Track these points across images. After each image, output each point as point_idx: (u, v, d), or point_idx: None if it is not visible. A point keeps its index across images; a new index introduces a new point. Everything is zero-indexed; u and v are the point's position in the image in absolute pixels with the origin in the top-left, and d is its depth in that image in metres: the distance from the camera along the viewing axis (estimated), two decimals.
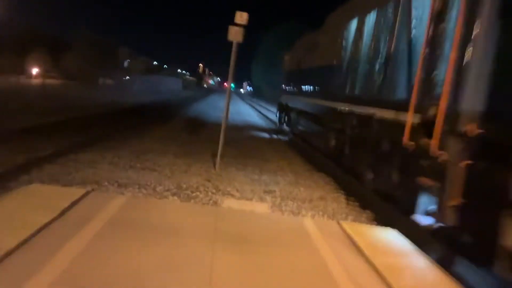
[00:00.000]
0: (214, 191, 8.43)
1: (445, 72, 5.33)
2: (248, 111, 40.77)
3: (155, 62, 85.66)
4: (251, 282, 3.82)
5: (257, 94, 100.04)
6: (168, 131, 16.54)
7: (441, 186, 5.26)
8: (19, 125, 12.79)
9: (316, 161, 12.63)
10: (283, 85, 22.98)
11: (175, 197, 7.63)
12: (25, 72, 38.14)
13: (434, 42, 5.92)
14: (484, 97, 4.69)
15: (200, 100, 51.75)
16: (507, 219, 4.06)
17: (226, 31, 10.13)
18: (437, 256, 5.13)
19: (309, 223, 5.84)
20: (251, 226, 5.38)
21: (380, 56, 8.42)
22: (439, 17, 5.88)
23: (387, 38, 8.16)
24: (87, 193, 5.66)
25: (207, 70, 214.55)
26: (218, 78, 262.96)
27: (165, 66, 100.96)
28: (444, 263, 4.84)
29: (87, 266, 3.66)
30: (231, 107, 11.25)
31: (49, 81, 37.97)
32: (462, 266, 4.91)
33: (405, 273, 4.46)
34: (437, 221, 5.48)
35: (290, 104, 19.88)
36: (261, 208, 7.58)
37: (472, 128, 4.71)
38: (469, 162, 4.83)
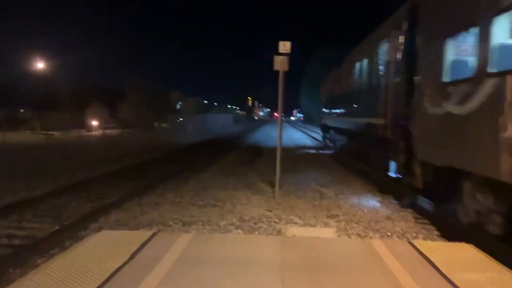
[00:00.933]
0: (276, 220, 8.38)
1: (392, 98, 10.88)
2: (298, 136, 43.52)
3: (205, 101, 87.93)
4: None
5: (307, 121, 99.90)
6: (225, 165, 16.73)
7: (396, 155, 10.30)
8: (84, 176, 13.39)
9: (348, 163, 17.06)
10: (322, 109, 29.18)
11: (239, 230, 7.64)
12: (85, 126, 40.16)
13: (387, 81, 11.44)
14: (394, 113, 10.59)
15: (252, 132, 52.28)
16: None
17: (271, 61, 10.28)
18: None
19: (378, 244, 5.63)
20: (318, 252, 5.25)
21: (368, 87, 13.97)
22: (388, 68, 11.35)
23: (371, 76, 13.69)
24: (153, 235, 5.76)
25: (256, 103, 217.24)
26: (268, 109, 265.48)
27: (215, 103, 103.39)
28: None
29: None
30: (282, 134, 11.27)
31: (108, 131, 39.75)
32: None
33: None
34: (397, 173, 10.46)
35: (328, 123, 25.83)
36: (326, 233, 7.44)
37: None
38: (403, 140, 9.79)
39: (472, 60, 6.63)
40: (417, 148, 8.84)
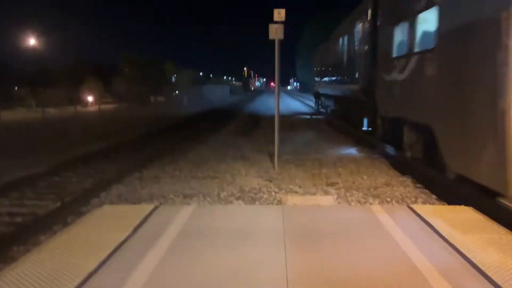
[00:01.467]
0: (277, 190, 8.43)
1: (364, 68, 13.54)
2: (294, 104, 47.64)
3: (201, 73, 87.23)
4: (329, 276, 3.75)
5: (304, 90, 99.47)
6: (222, 136, 16.73)
7: (367, 113, 13.52)
8: (83, 150, 13.38)
9: (336, 125, 20.52)
10: (315, 78, 32.72)
11: (240, 201, 7.69)
12: (80, 102, 39.88)
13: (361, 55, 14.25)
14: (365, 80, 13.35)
15: (249, 102, 52.17)
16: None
17: (266, 29, 10.14)
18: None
19: (378, 210, 5.69)
20: (319, 220, 5.31)
21: (348, 60, 17.14)
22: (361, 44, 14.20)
23: (350, 51, 16.70)
24: (155, 208, 5.81)
25: (252, 73, 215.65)
26: (264, 79, 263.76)
27: (211, 75, 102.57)
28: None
29: (165, 279, 3.74)
30: (279, 103, 11.25)
31: (104, 106, 39.54)
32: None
33: (488, 250, 4.23)
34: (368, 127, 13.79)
35: (320, 91, 29.65)
36: (326, 200, 7.50)
37: None
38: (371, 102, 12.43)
39: (407, 42, 9.14)
40: (378, 107, 11.90)
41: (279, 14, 10.05)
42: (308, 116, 28.87)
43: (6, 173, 10.02)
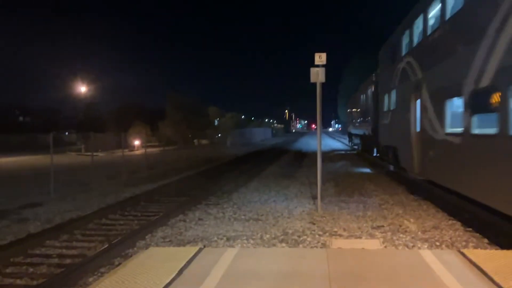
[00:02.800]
0: (321, 232, 8.32)
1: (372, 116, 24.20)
2: (334, 143, 53.49)
3: (243, 116, 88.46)
4: None
5: (345, 131, 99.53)
6: (264, 178, 16.77)
7: (375, 145, 23.14)
8: (130, 193, 13.74)
9: (360, 154, 29.82)
10: (348, 120, 46.69)
11: (283, 244, 7.63)
12: (127, 145, 41.19)
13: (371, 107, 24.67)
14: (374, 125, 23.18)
15: (290, 144, 52.32)
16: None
17: (308, 73, 10.31)
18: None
19: (427, 254, 5.51)
20: (365, 264, 5.18)
21: (365, 110, 27.53)
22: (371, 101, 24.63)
23: (366, 104, 27.08)
24: (200, 250, 5.85)
25: (293, 115, 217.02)
26: (305, 121, 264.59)
27: (252, 118, 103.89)
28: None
29: None
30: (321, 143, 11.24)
31: (150, 150, 40.62)
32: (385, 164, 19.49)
33: None
34: (376, 154, 23.46)
35: (351, 131, 41.21)
36: (372, 244, 7.32)
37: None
38: (376, 138, 21.60)
39: (388, 104, 17.35)
40: (380, 140, 20.27)
41: (320, 58, 10.22)
42: (343, 152, 35.77)
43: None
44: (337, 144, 51.64)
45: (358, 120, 32.26)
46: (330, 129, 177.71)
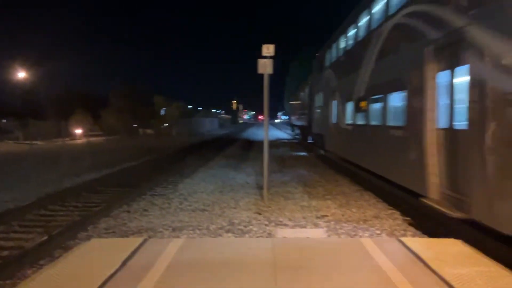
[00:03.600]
0: (266, 222, 8.41)
1: (308, 110, 29.62)
2: (279, 134, 58.79)
3: (189, 106, 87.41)
4: None
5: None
6: (211, 169, 16.70)
7: (309, 133, 29.66)
8: (70, 183, 13.26)
9: (299, 143, 36.29)
10: (290, 113, 53.64)
11: (229, 234, 7.64)
12: (69, 134, 39.66)
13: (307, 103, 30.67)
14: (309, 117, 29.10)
15: (238, 135, 52.45)
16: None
17: (255, 64, 10.32)
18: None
19: (367, 243, 5.70)
20: (309, 253, 5.29)
21: (304, 105, 33.15)
22: (307, 98, 30.41)
23: (304, 100, 32.89)
24: (144, 241, 5.74)
25: (240, 106, 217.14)
26: (253, 112, 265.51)
27: (199, 108, 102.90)
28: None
29: None
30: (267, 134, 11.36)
31: (92, 139, 39.39)
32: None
33: (477, 282, 4.24)
34: (311, 140, 29.79)
35: (293, 123, 47.12)
36: (316, 233, 7.48)
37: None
38: (310, 128, 28.43)
39: (320, 102, 22.93)
40: (313, 130, 26.35)
41: (268, 49, 10.25)
42: (286, 140, 41.50)
43: None
44: (282, 134, 56.80)
45: (298, 113, 38.85)
46: (277, 121, 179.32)
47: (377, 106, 11.72)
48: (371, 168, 11.95)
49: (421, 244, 5.57)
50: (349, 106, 14.95)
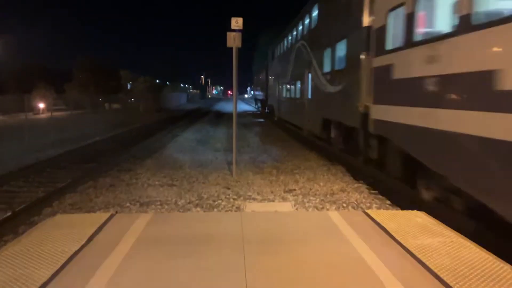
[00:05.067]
0: (235, 197, 8.44)
1: (266, 87, 40.28)
2: (247, 107, 67.76)
3: (157, 81, 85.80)
4: (287, 281, 3.78)
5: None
6: (179, 144, 16.59)
7: (266, 105, 41.43)
8: (33, 159, 12.92)
9: (260, 113, 47.48)
10: (254, 89, 63.41)
11: (198, 208, 7.64)
12: (32, 109, 38.40)
13: (265, 82, 40.93)
14: (266, 91, 39.80)
15: (206, 110, 52.19)
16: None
17: (224, 38, 10.18)
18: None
19: (334, 215, 5.79)
20: (277, 226, 5.35)
21: (263, 82, 41.88)
22: (264, 77, 40.80)
23: (263, 77, 41.85)
24: (111, 217, 5.66)
25: (209, 81, 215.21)
26: (221, 87, 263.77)
27: (167, 82, 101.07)
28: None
29: None
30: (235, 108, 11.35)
31: (57, 114, 38.35)
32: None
33: (440, 252, 4.38)
34: (266, 111, 41.84)
35: (256, 97, 57.48)
36: (284, 207, 7.56)
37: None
38: (267, 100, 40.33)
39: (271, 82, 34.28)
40: (268, 102, 38.06)
41: (237, 22, 10.12)
42: (251, 112, 51.71)
43: None
44: (250, 107, 66.63)
45: (259, 90, 49.06)
46: (246, 96, 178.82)
47: (297, 86, 20.99)
48: (295, 122, 22.43)
49: (385, 216, 5.70)
50: (285, 86, 25.44)
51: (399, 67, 7.81)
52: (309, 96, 17.41)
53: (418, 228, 5.17)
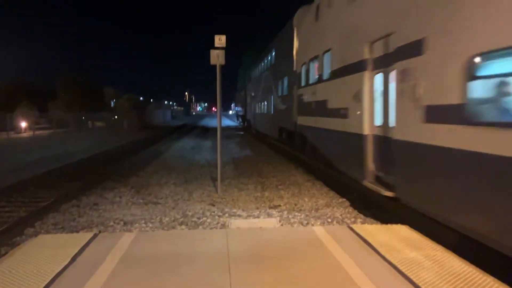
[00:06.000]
0: (220, 213, 8.41)
1: (245, 103, 48.49)
2: (230, 122, 75.52)
3: (141, 98, 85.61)
4: None
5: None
6: (163, 161, 16.51)
7: (245, 119, 50.23)
8: (17, 177, 12.72)
9: (241, 127, 54.65)
10: (236, 104, 76.09)
11: (183, 226, 7.59)
12: (13, 127, 37.89)
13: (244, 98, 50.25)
14: (245, 107, 48.48)
15: (191, 127, 52.22)
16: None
17: (208, 55, 10.26)
18: None
19: (319, 230, 5.82)
20: (263, 242, 5.35)
21: (243, 98, 51.42)
22: (244, 94, 49.44)
23: (243, 94, 50.10)
24: (94, 236, 5.61)
25: (193, 98, 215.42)
26: (205, 103, 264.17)
27: (151, 100, 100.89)
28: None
29: None
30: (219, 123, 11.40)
31: (39, 132, 37.92)
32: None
33: (424, 266, 4.43)
34: (244, 124, 52.08)
35: (238, 113, 68.93)
36: (269, 223, 7.56)
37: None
38: (246, 115, 48.80)
39: (249, 100, 41.07)
40: (247, 117, 44.94)
41: (220, 40, 10.21)
42: (233, 126, 58.60)
43: None
44: (232, 123, 74.67)
45: (240, 106, 58.03)
46: (230, 112, 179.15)
47: (265, 105, 27.54)
48: (265, 132, 27.78)
49: (370, 230, 5.74)
50: (258, 104, 32.08)
51: (304, 96, 14.29)
52: (272, 112, 24.34)
53: (402, 242, 5.22)
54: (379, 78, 7.93)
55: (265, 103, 27.23)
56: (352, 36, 9.34)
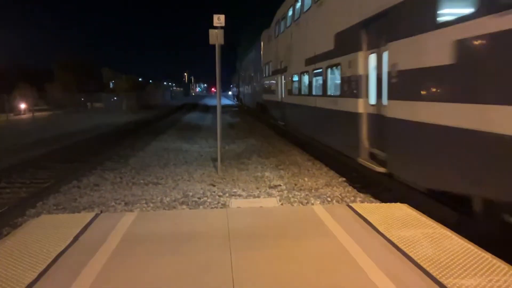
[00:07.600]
0: (221, 193, 8.46)
1: (239, 84, 60.83)
2: (229, 102, 79.77)
3: (140, 79, 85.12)
4: (274, 276, 3.82)
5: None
6: (164, 141, 16.53)
7: (239, 98, 61.54)
8: (17, 159, 12.75)
9: (237, 105, 62.43)
10: (234, 84, 79.88)
11: (184, 206, 7.64)
12: (13, 109, 37.79)
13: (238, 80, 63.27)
14: (239, 88, 61.58)
15: (191, 107, 52.07)
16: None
17: (207, 35, 10.18)
18: None
19: (319, 209, 5.86)
20: (263, 221, 5.39)
21: (242, 80, 54.70)
22: (238, 79, 63.03)
23: (241, 76, 55.63)
24: (96, 216, 5.65)
25: (192, 79, 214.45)
26: (205, 84, 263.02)
27: (150, 81, 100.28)
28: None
29: (108, 287, 3.65)
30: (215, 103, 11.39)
31: (38, 114, 37.85)
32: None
33: (423, 243, 4.47)
34: (238, 102, 62.56)
35: (233, 93, 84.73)
36: (270, 202, 7.60)
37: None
38: (240, 95, 59.43)
39: (242, 83, 52.58)
40: (240, 96, 57.66)
41: (219, 19, 10.11)
42: (230, 105, 64.14)
43: None
44: (231, 102, 79.08)
45: (235, 87, 68.87)
46: (230, 92, 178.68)
47: (249, 87, 40.47)
48: (250, 105, 38.86)
49: (369, 209, 5.78)
50: (245, 86, 44.62)
51: (265, 82, 25.40)
52: (251, 92, 36.41)
53: (401, 220, 5.26)
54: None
55: (249, 86, 39.57)
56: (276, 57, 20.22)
